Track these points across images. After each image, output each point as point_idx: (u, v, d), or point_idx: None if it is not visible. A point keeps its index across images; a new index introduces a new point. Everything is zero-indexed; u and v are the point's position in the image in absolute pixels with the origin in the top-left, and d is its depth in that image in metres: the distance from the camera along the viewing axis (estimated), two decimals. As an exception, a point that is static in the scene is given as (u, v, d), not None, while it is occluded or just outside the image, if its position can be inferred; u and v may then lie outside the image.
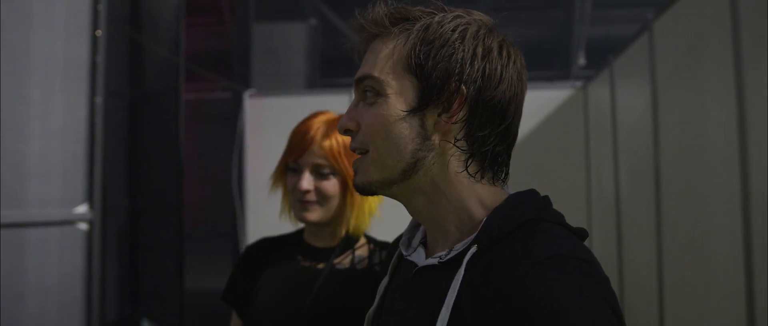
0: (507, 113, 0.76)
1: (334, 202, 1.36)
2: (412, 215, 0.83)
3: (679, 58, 2.45)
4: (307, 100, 4.46)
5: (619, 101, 3.36)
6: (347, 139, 1.35)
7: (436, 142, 0.75)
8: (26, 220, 2.16)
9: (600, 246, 3.85)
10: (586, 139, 4.12)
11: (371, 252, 1.41)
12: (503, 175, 0.79)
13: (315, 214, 1.36)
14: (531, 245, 0.68)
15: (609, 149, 3.49)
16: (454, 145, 0.75)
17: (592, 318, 0.62)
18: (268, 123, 4.36)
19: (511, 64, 0.76)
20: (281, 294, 1.37)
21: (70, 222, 2.31)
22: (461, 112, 0.74)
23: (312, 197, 1.35)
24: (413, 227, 0.87)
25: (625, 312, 3.24)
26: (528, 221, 0.72)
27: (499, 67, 0.75)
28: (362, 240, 1.43)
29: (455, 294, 0.69)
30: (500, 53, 0.75)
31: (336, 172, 1.36)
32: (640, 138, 2.93)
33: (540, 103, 4.20)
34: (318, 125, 1.36)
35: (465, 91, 0.73)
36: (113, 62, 3.06)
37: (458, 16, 0.76)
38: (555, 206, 0.78)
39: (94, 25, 2.41)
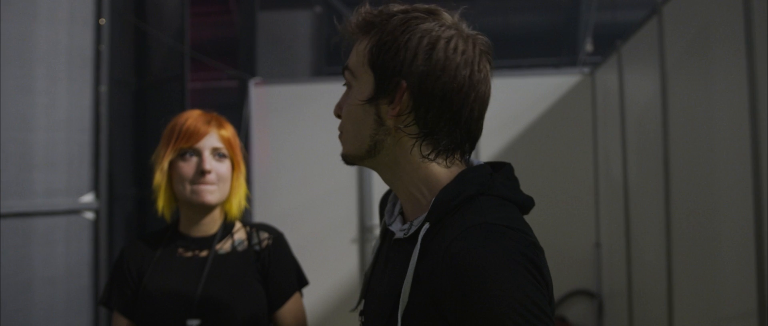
0: (453, 101, 0.84)
1: (228, 185, 1.47)
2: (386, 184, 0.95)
3: (689, 42, 2.42)
4: (312, 88, 4.45)
5: (627, 87, 3.33)
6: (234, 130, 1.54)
7: (392, 127, 0.86)
8: (32, 210, 2.16)
9: (608, 232, 3.83)
10: (594, 125, 4.09)
11: (249, 234, 1.51)
12: (460, 155, 0.89)
13: (215, 196, 1.44)
14: (463, 218, 0.80)
15: (617, 136, 3.46)
16: (402, 129, 0.86)
17: (512, 270, 0.72)
18: (273, 111, 4.35)
19: (458, 56, 0.84)
20: (170, 285, 1.42)
21: (76, 211, 2.31)
22: (404, 103, 0.84)
23: (213, 178, 1.43)
24: (395, 195, 0.98)
25: (634, 298, 3.23)
26: (468, 197, 0.83)
27: (442, 61, 0.83)
28: (238, 225, 1.52)
29: (414, 266, 0.81)
30: (446, 47, 0.83)
31: (228, 156, 1.47)
32: (648, 124, 2.90)
33: (547, 89, 4.18)
34: (206, 117, 1.47)
35: (404, 84, 0.83)
36: (118, 51, 3.04)
37: (415, 18, 0.85)
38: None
39: (98, 14, 2.40)
